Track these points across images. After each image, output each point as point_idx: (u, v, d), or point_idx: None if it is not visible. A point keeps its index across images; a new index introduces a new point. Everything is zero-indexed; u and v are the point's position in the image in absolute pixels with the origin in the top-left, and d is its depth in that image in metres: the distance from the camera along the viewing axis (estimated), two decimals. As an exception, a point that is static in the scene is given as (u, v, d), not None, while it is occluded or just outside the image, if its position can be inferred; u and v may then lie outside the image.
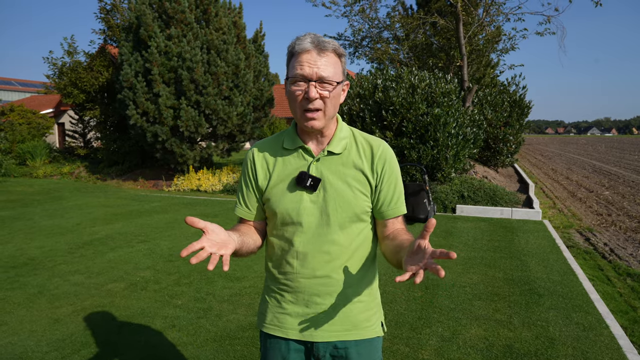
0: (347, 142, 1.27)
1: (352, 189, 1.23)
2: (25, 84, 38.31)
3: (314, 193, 1.23)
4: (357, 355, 1.27)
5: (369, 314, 1.30)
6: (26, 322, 3.29)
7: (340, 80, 1.18)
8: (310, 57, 1.14)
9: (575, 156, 24.48)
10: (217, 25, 11.25)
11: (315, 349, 1.27)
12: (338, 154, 1.25)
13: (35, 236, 5.97)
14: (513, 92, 12.36)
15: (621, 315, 3.53)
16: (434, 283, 4.15)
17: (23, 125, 16.93)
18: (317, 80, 1.14)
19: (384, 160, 1.26)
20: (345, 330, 1.26)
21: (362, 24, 14.39)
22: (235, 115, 11.34)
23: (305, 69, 1.14)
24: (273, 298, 1.32)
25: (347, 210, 1.22)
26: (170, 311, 3.50)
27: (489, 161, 12.33)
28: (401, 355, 2.82)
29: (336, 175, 1.24)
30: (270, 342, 1.32)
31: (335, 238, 1.22)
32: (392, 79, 8.92)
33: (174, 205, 8.63)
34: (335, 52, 1.18)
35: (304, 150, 1.26)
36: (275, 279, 1.30)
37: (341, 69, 1.20)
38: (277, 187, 1.26)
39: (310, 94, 1.14)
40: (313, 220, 1.22)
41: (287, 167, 1.26)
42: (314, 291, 1.24)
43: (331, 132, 1.27)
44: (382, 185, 1.25)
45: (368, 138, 1.30)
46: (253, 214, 1.32)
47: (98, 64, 13.42)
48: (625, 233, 6.51)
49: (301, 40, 1.16)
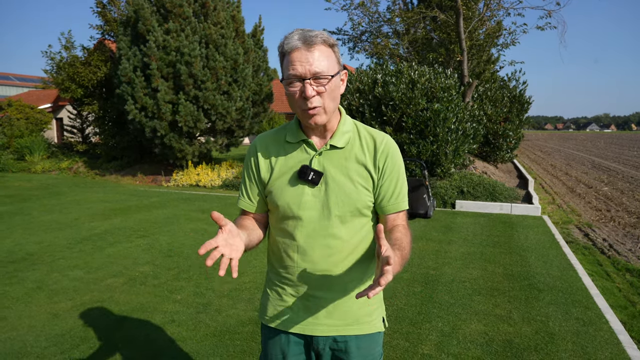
0: (350, 136, 1.26)
1: (354, 183, 1.22)
2: (22, 78, 38.13)
3: (315, 187, 1.22)
4: (357, 349, 1.27)
5: (371, 308, 1.30)
6: (25, 317, 3.28)
7: (335, 72, 1.16)
8: (300, 55, 1.12)
9: (574, 152, 24.50)
10: (216, 19, 11.17)
11: (315, 343, 1.27)
12: (341, 148, 1.24)
13: (33, 231, 5.95)
14: (513, 87, 12.34)
15: (620, 310, 3.54)
16: (433, 279, 4.15)
17: (21, 120, 16.86)
18: (312, 78, 1.12)
19: (387, 155, 1.24)
20: (346, 324, 1.26)
21: (361, 18, 14.32)
22: (234, 110, 11.30)
23: (298, 68, 1.12)
24: (274, 291, 1.31)
25: (349, 204, 1.21)
26: (169, 306, 3.49)
27: (488, 157, 12.32)
28: (401, 350, 2.81)
29: (338, 169, 1.23)
30: (270, 334, 1.32)
31: (336, 232, 1.21)
32: (391, 74, 8.88)
33: (173, 201, 8.61)
34: (325, 43, 1.15)
35: (307, 144, 1.25)
36: (277, 272, 1.30)
37: (335, 59, 1.17)
38: (279, 180, 1.25)
39: (307, 92, 1.12)
40: (314, 214, 1.22)
41: (290, 161, 1.25)
42: (315, 285, 1.24)
43: (334, 125, 1.25)
44: (383, 179, 1.24)
45: (372, 132, 1.28)
46: (255, 206, 1.32)
47: (96, 58, 13.34)
48: (624, 229, 6.51)
49: (289, 39, 1.14)
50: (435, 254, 4.98)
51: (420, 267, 4.48)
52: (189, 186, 11.01)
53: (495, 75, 13.61)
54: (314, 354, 1.30)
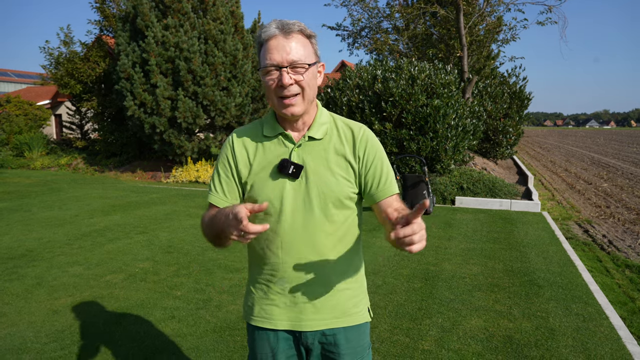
0: (327, 127, 1.25)
1: (334, 175, 1.21)
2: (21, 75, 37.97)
3: (296, 180, 1.20)
4: (346, 341, 1.27)
5: (357, 300, 1.30)
6: (25, 314, 3.28)
7: (312, 62, 1.15)
8: (277, 43, 1.11)
9: (573, 148, 24.50)
10: (215, 15, 11.12)
11: (304, 338, 1.27)
12: (319, 139, 1.23)
13: (33, 227, 5.94)
14: (513, 83, 12.31)
15: (620, 306, 3.54)
16: (433, 275, 4.15)
17: (20, 116, 16.81)
18: (289, 66, 1.11)
19: (366, 144, 1.23)
20: (334, 317, 1.26)
21: (361, 14, 14.27)
22: (234, 106, 11.26)
23: (275, 56, 1.11)
24: (259, 289, 1.29)
25: (330, 196, 1.20)
26: (169, 302, 3.49)
27: (488, 153, 12.31)
28: (401, 346, 2.82)
29: (318, 161, 1.21)
30: (258, 334, 1.31)
31: (320, 225, 1.20)
32: (391, 70, 8.86)
33: (172, 197, 8.60)
34: (302, 32, 1.14)
35: (285, 137, 1.23)
36: (261, 269, 1.28)
37: (312, 49, 1.16)
38: (258, 176, 1.23)
39: (284, 80, 1.10)
40: (296, 208, 1.20)
41: (268, 155, 1.24)
42: (301, 280, 1.23)
43: (311, 117, 1.24)
44: (366, 168, 1.23)
45: (349, 123, 1.27)
46: (228, 202, 1.28)
47: (94, 54, 13.28)
48: (623, 225, 6.52)
49: (267, 28, 1.13)
50: (435, 250, 4.98)
51: (420, 263, 4.47)
52: (188, 182, 11.00)
53: (495, 71, 13.58)
54: (304, 349, 1.30)
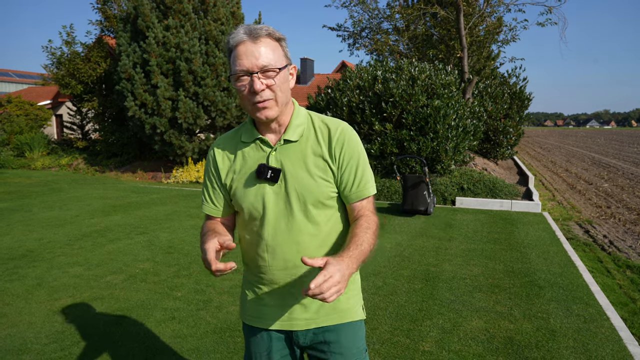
0: (304, 128, 1.24)
1: (312, 176, 1.21)
2: (22, 75, 37.99)
3: (275, 184, 1.21)
4: (338, 339, 1.27)
5: (347, 297, 1.30)
6: (25, 314, 3.28)
7: (283, 65, 1.15)
8: (246, 49, 1.11)
9: (574, 149, 24.48)
10: (215, 15, 11.13)
11: (295, 337, 1.29)
12: (295, 141, 1.22)
13: (33, 228, 5.95)
14: (513, 84, 12.30)
15: (621, 307, 3.54)
16: (434, 275, 4.14)
17: (20, 116, 16.82)
18: (260, 71, 1.11)
19: (342, 143, 1.22)
20: (324, 314, 1.26)
21: (362, 15, 14.27)
22: (235, 107, 11.27)
23: (244, 62, 1.11)
24: (251, 291, 1.32)
25: (309, 198, 1.20)
26: (170, 303, 3.48)
27: (488, 153, 12.30)
28: (402, 347, 2.81)
29: (296, 163, 1.22)
30: (253, 333, 1.33)
31: (302, 227, 1.21)
32: (392, 70, 8.86)
33: (173, 197, 8.60)
34: (270, 36, 1.14)
35: (262, 142, 1.24)
36: (251, 272, 1.31)
37: (282, 52, 1.17)
38: (240, 182, 1.25)
39: (255, 86, 1.11)
40: (278, 212, 1.21)
41: (248, 161, 1.25)
42: (288, 282, 1.24)
43: (287, 120, 1.24)
44: (342, 169, 1.23)
45: (327, 121, 1.26)
46: (220, 211, 1.32)
47: (95, 54, 13.29)
48: (624, 225, 6.51)
49: (234, 34, 1.14)
50: (436, 250, 4.98)
51: (420, 264, 4.47)
52: (188, 183, 11.00)
53: (495, 72, 13.57)
54: (297, 349, 1.32)
